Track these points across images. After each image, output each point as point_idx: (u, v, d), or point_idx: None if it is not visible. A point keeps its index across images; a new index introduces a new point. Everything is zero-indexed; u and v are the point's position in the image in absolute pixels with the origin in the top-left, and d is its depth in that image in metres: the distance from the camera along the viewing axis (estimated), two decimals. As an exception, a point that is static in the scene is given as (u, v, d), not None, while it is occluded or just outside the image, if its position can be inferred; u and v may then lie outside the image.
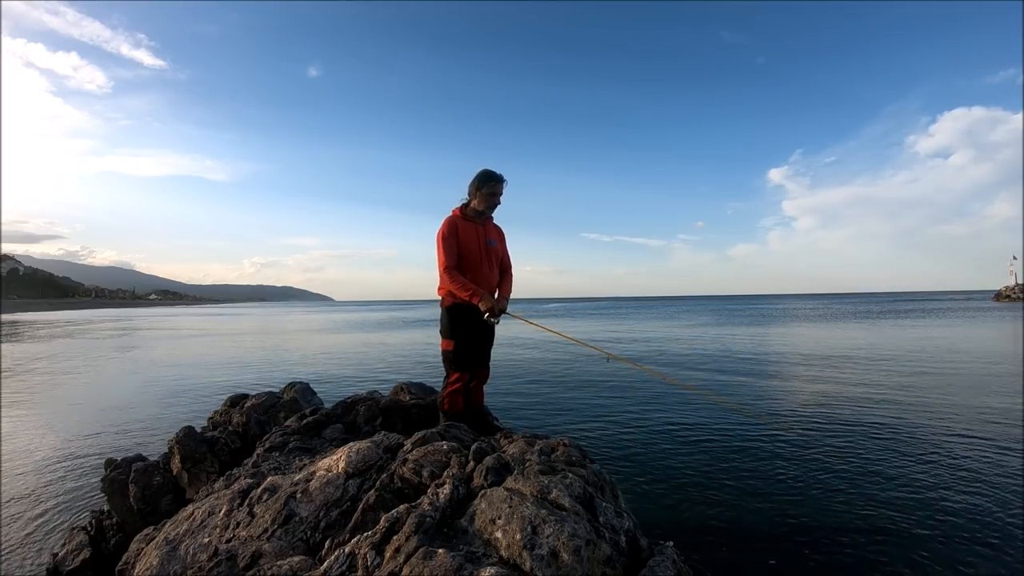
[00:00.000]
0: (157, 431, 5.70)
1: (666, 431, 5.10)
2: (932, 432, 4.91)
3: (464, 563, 1.43)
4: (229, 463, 3.09)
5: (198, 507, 2.15)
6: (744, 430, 5.06)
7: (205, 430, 3.50)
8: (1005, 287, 54.94)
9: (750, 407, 6.18)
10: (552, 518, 1.55)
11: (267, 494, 2.05)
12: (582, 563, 1.45)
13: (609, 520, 1.70)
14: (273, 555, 1.74)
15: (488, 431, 2.92)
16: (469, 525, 1.64)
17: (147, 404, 7.31)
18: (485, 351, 3.17)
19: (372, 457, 2.20)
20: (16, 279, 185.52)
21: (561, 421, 5.68)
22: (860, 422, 5.30)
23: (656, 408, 6.14)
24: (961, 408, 5.90)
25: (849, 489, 3.51)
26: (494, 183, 3.06)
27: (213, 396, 7.54)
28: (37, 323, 35.93)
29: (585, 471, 2.01)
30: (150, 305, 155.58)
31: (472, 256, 3.03)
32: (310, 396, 4.29)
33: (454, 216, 3.08)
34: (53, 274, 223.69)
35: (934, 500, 3.32)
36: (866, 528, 2.94)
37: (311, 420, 3.19)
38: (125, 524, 2.80)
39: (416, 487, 1.97)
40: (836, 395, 6.80)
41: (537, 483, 1.78)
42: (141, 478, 2.94)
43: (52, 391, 8.63)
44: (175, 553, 1.88)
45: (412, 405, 3.53)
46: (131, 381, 9.57)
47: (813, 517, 3.08)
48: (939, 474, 3.79)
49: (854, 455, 4.23)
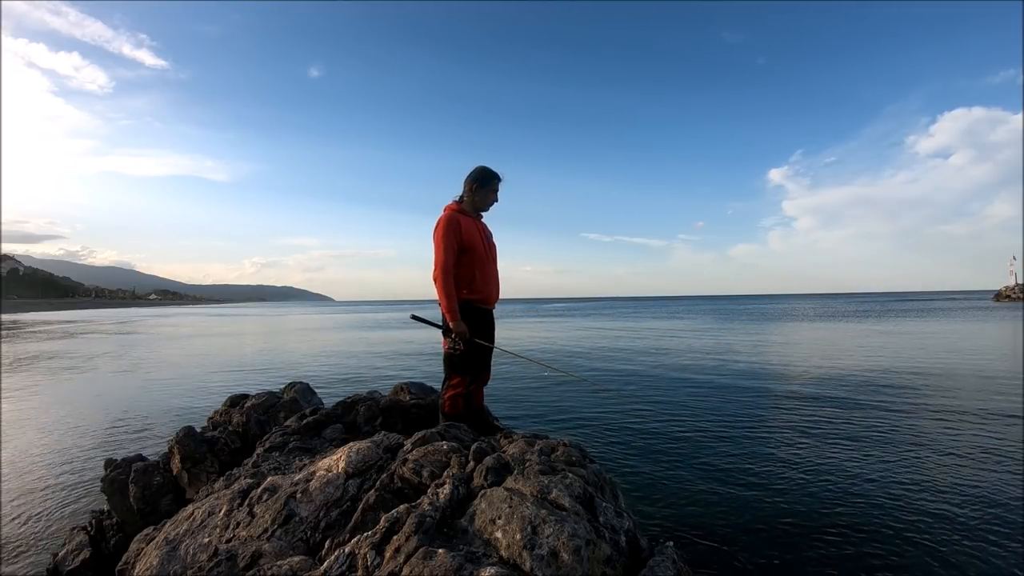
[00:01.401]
0: (157, 431, 5.70)
1: (666, 431, 5.10)
2: (932, 432, 4.91)
3: (464, 563, 1.43)
4: (229, 463, 3.09)
5: (198, 507, 2.15)
6: (744, 430, 5.06)
7: (205, 430, 3.50)
8: (1005, 287, 54.93)
9: (750, 407, 6.18)
10: (552, 518, 1.55)
11: (267, 494, 2.04)
12: (582, 563, 1.45)
13: (609, 520, 1.70)
14: (273, 555, 1.74)
15: (488, 431, 2.91)
16: (469, 525, 1.64)
17: (147, 404, 7.31)
18: (488, 354, 3.13)
19: (372, 457, 2.20)
20: (16, 279, 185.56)
21: (561, 421, 5.68)
22: (860, 421, 5.30)
23: (656, 408, 6.14)
24: (962, 407, 5.90)
25: (850, 488, 3.51)
26: (495, 182, 2.97)
27: (213, 396, 7.54)
28: (37, 323, 35.93)
29: (585, 471, 2.00)
30: (150, 305, 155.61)
31: (479, 252, 2.88)
32: (310, 396, 4.29)
33: (454, 210, 2.89)
34: (53, 274, 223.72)
35: (935, 500, 3.32)
36: (866, 527, 2.94)
37: (311, 420, 3.19)
38: (125, 524, 2.80)
39: (416, 487, 1.97)
40: (836, 395, 6.79)
41: (537, 483, 1.78)
42: (141, 478, 2.94)
43: (52, 391, 8.63)
44: (175, 553, 1.88)
45: (412, 405, 3.53)
46: (131, 381, 9.57)
47: (813, 517, 3.08)
48: (940, 473, 3.79)
49: (854, 454, 4.23)
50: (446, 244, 2.77)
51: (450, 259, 2.78)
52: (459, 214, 2.89)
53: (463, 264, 2.87)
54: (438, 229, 2.82)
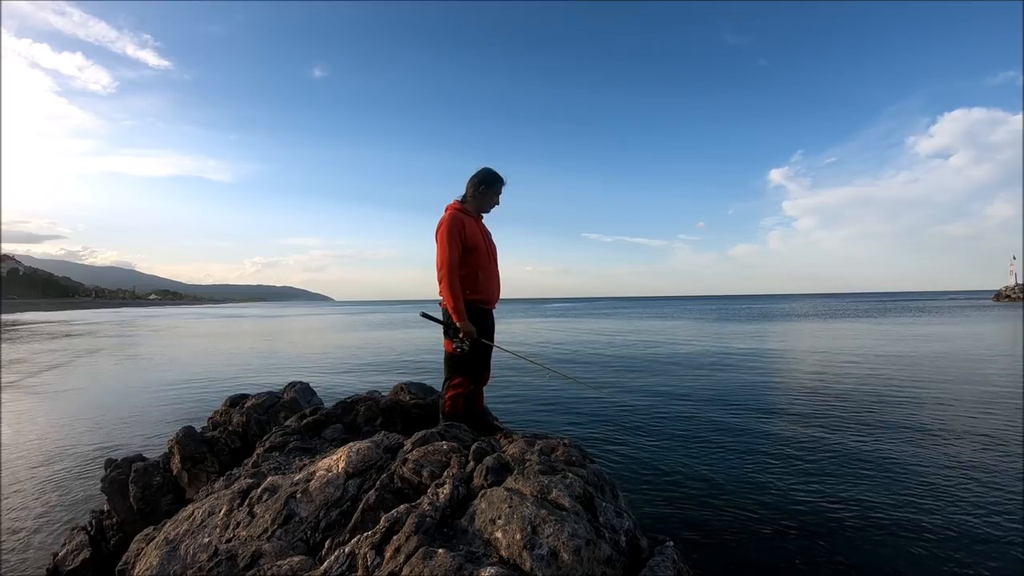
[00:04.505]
0: (157, 431, 5.70)
1: (666, 431, 5.10)
2: (932, 432, 4.91)
3: (464, 563, 1.43)
4: (229, 463, 3.08)
5: (198, 507, 2.15)
6: (744, 430, 5.06)
7: (205, 430, 3.50)
8: (1005, 287, 54.94)
9: (750, 407, 6.17)
10: (552, 518, 1.55)
11: (267, 494, 2.04)
12: (582, 563, 1.45)
13: (609, 520, 1.70)
14: (273, 555, 1.74)
15: (488, 431, 2.90)
16: (469, 525, 1.64)
17: (147, 404, 7.31)
18: (489, 354, 3.12)
19: (372, 457, 2.20)
20: (16, 279, 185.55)
21: (561, 421, 5.68)
22: (860, 421, 5.30)
23: (656, 408, 6.14)
24: (962, 407, 5.89)
25: (850, 488, 3.51)
26: (500, 185, 2.96)
27: (213, 396, 7.54)
28: (37, 323, 35.93)
29: (585, 471, 2.00)
30: (150, 305, 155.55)
31: (481, 253, 2.86)
32: (310, 396, 4.29)
33: (457, 209, 2.87)
34: (53, 274, 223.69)
35: (935, 499, 3.32)
36: (867, 527, 2.94)
37: (311, 420, 3.18)
38: (125, 524, 2.80)
39: (416, 487, 1.97)
40: (836, 394, 6.79)
41: (537, 483, 1.78)
42: (141, 478, 2.94)
43: (52, 391, 8.63)
44: (175, 553, 1.88)
45: (412, 405, 3.53)
46: (131, 381, 9.57)
47: (814, 516, 3.08)
48: (940, 473, 3.79)
49: (855, 454, 4.23)
50: (451, 243, 2.74)
51: (456, 258, 2.76)
52: (462, 213, 2.87)
53: (466, 264, 2.85)
54: (442, 228, 2.80)
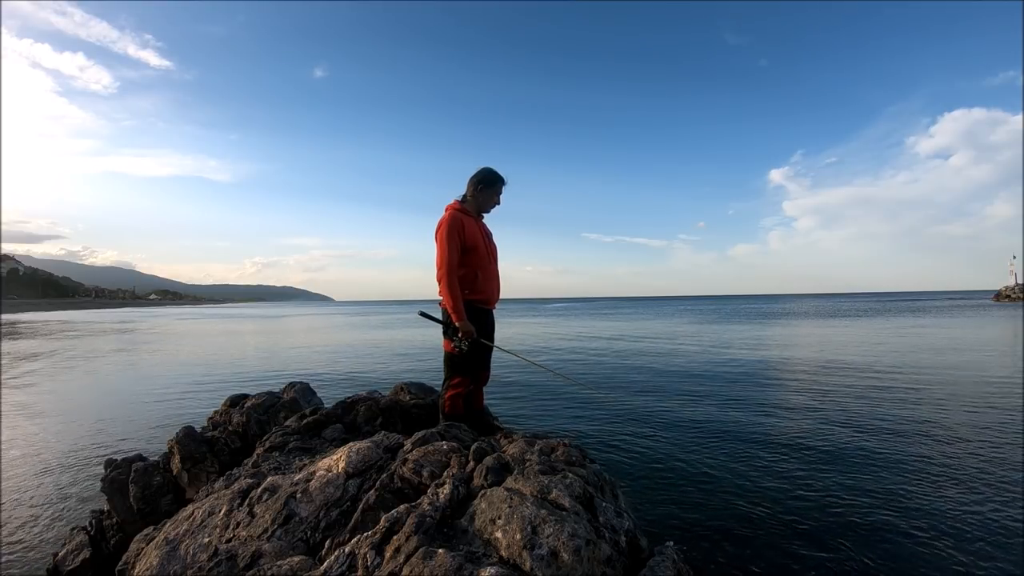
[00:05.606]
0: (157, 431, 5.69)
1: (666, 431, 5.10)
2: (932, 431, 4.91)
3: (464, 563, 1.43)
4: (229, 463, 3.09)
5: (198, 507, 2.15)
6: (745, 430, 5.06)
7: (205, 430, 3.50)
8: (1005, 287, 54.97)
9: (750, 406, 6.17)
10: (552, 518, 1.55)
11: (267, 494, 2.04)
12: (582, 563, 1.45)
13: (609, 520, 1.70)
14: (273, 555, 1.74)
15: (488, 431, 2.91)
16: (469, 525, 1.64)
17: (147, 404, 7.30)
18: (489, 354, 3.12)
19: (372, 457, 2.20)
20: (16, 279, 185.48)
21: (561, 421, 5.68)
22: (860, 421, 5.30)
23: (656, 408, 6.14)
24: (962, 407, 5.90)
25: (850, 488, 3.51)
26: (500, 185, 2.96)
27: (213, 396, 7.54)
28: (36, 323, 35.92)
29: (585, 471, 2.01)
30: (149, 305, 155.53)
31: (481, 253, 2.87)
32: (310, 396, 4.29)
33: (457, 209, 2.87)
34: (53, 274, 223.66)
35: (935, 499, 3.32)
36: (867, 527, 2.94)
37: (311, 420, 3.19)
38: (125, 524, 2.80)
39: (416, 487, 1.97)
40: (836, 394, 6.79)
41: (537, 483, 1.78)
42: (141, 478, 2.94)
43: (51, 391, 8.63)
44: (175, 553, 1.88)
45: (412, 405, 3.53)
46: (130, 381, 9.56)
47: (814, 516, 3.08)
48: (940, 473, 3.79)
49: (855, 454, 4.23)
50: (450, 243, 2.75)
51: (455, 258, 2.76)
52: (461, 213, 2.87)
53: (465, 264, 2.85)
54: (441, 228, 2.79)
